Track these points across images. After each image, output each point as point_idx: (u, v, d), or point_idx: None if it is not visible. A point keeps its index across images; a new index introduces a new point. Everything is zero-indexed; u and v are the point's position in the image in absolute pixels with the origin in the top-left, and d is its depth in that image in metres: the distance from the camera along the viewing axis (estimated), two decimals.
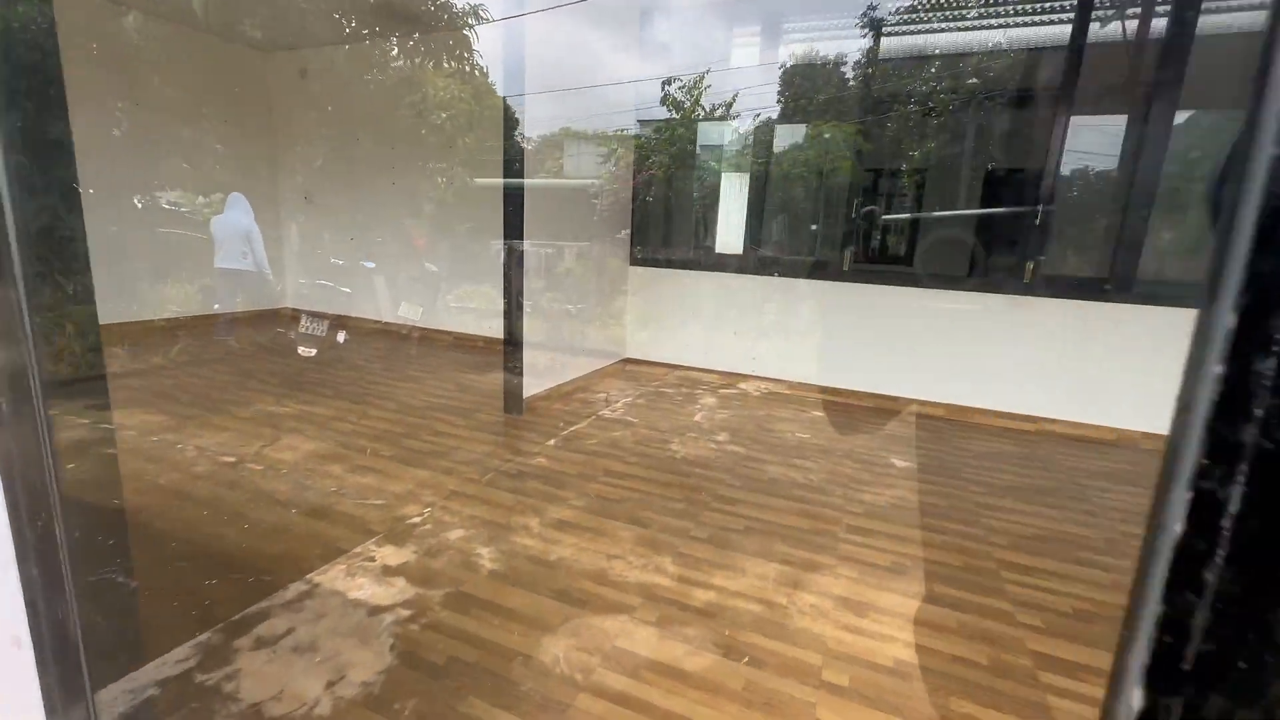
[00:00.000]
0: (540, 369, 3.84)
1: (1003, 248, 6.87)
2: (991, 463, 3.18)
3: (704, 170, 6.18)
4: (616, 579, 1.93)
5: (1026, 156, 6.40)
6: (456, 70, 6.29)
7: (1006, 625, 1.78)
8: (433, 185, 6.02)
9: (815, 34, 6.03)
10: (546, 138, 5.33)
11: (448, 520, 2.28)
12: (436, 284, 6.04)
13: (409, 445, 3.01)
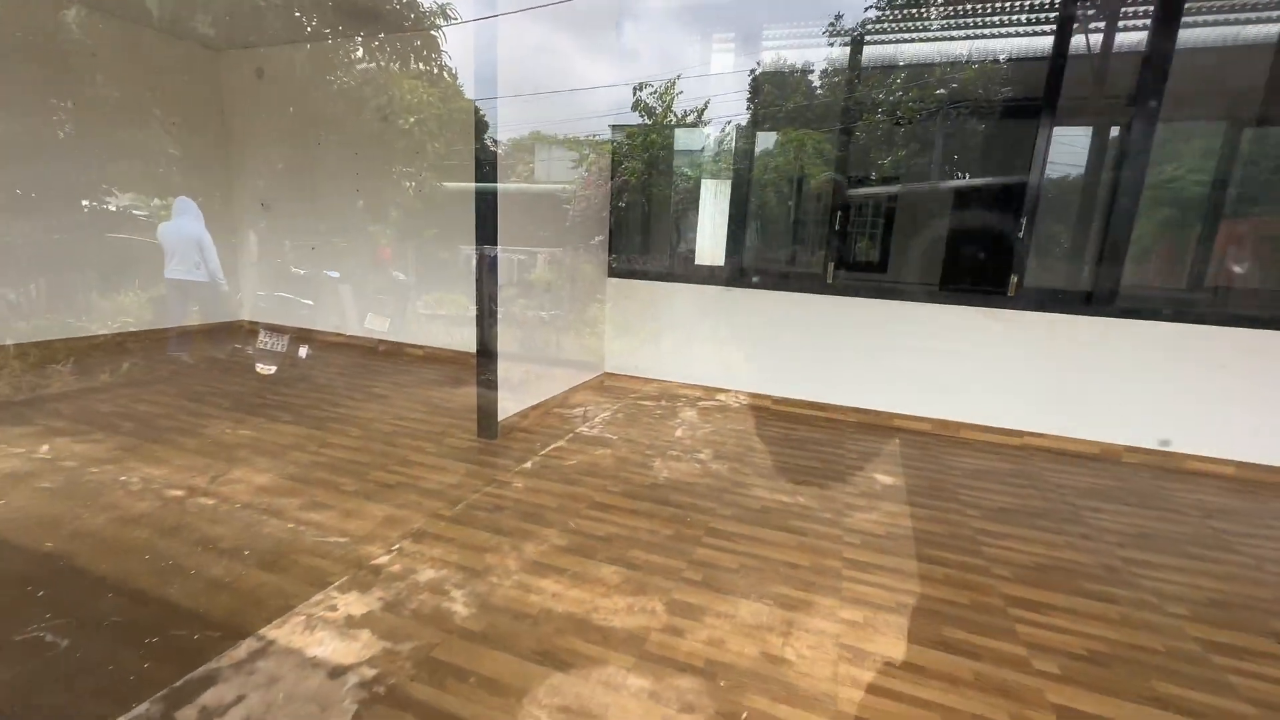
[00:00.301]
0: (515, 383, 3.65)
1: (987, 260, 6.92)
2: (983, 482, 3.11)
3: (681, 177, 6.07)
4: (603, 631, 1.76)
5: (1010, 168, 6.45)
6: (425, 72, 6.06)
7: (1023, 674, 1.67)
8: (400, 191, 5.77)
9: (789, 41, 5.98)
10: (517, 141, 5.15)
11: (417, 562, 2.08)
12: (405, 294, 5.79)
13: (374, 478, 2.79)
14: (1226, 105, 5.12)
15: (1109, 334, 3.53)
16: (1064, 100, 3.62)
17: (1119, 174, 3.49)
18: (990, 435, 3.81)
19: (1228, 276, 5.92)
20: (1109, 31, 4.94)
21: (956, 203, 7.01)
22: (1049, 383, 3.68)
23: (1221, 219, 5.71)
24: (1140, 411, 3.53)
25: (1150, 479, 3.30)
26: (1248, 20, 4.59)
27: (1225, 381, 3.35)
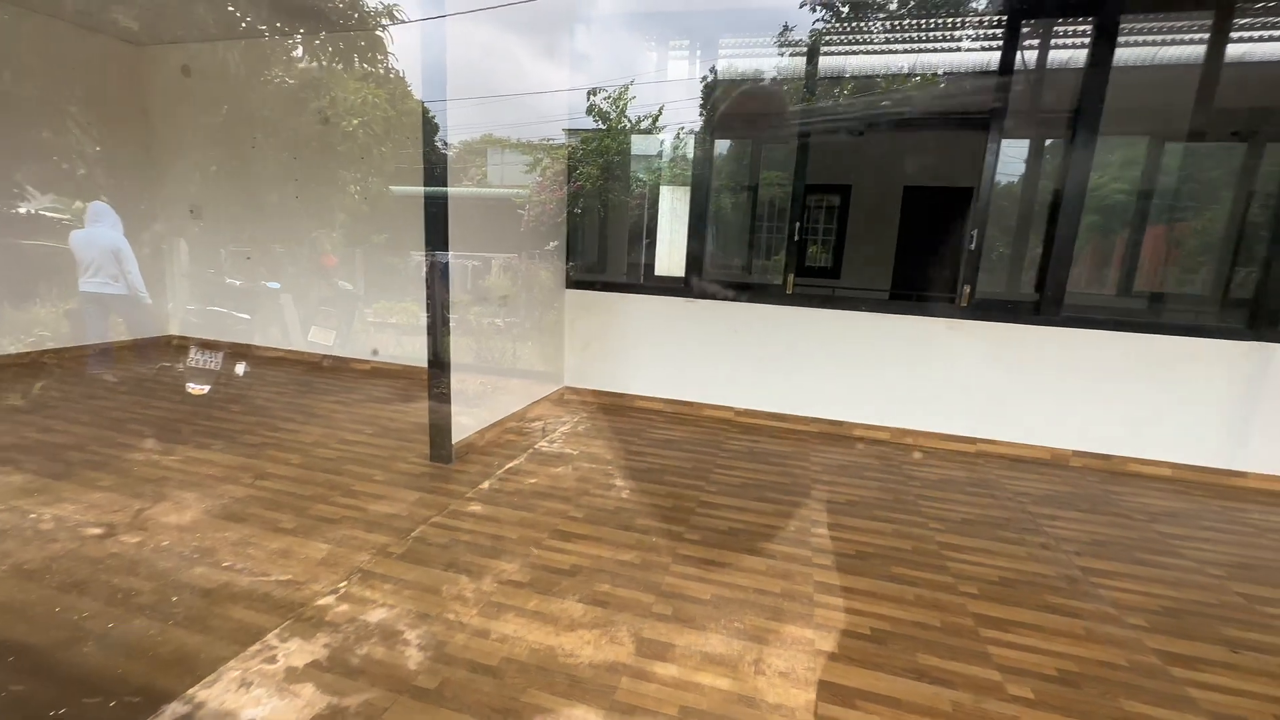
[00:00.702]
0: (471, 397, 3.48)
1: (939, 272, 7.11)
2: (944, 493, 3.14)
3: (637, 183, 6.00)
4: (570, 678, 1.65)
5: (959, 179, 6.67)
6: (370, 73, 5.80)
7: (999, 700, 1.64)
8: (345, 195, 5.49)
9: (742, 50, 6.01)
10: (469, 144, 4.98)
11: (364, 606, 1.92)
12: (352, 305, 5.50)
13: (316, 512, 2.59)
14: (1150, 122, 5.42)
15: (1055, 342, 3.64)
16: (1009, 114, 3.72)
17: (1062, 187, 3.60)
18: (947, 443, 3.88)
19: (1156, 283, 6.26)
20: (1043, 50, 5.15)
21: (907, 213, 7.21)
22: (1001, 390, 3.77)
23: (1147, 227, 6.06)
24: (1085, 416, 3.65)
25: (1098, 482, 3.42)
26: (1168, 42, 4.86)
27: (1159, 387, 3.50)
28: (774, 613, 2.00)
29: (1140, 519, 2.95)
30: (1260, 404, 3.37)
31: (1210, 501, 3.22)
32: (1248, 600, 2.25)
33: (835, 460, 3.56)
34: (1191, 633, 2.03)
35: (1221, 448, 3.46)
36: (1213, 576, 2.42)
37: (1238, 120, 5.09)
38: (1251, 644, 1.98)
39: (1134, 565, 2.48)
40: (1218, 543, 2.73)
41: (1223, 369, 3.40)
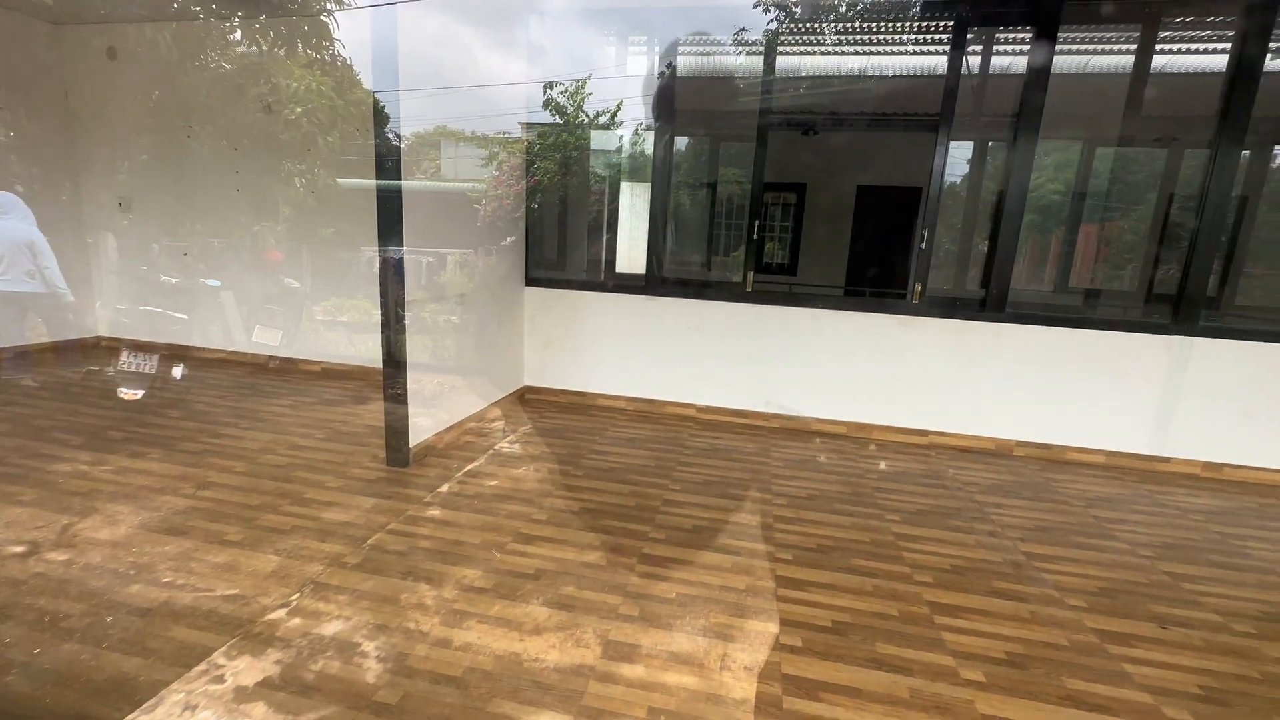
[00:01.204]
0: (427, 397, 3.38)
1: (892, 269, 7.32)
2: (899, 484, 3.24)
3: (597, 179, 5.96)
4: (537, 685, 1.62)
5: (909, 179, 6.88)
6: (315, 60, 5.55)
7: (954, 685, 1.71)
8: (289, 188, 5.25)
9: (700, 48, 6.04)
10: (422, 136, 4.83)
11: (319, 619, 1.84)
12: (300, 303, 5.27)
13: (264, 522, 2.47)
14: (1084, 127, 5.72)
15: (1000, 337, 3.81)
16: (955, 117, 3.86)
17: (1004, 188, 3.76)
18: (902, 436, 4.01)
19: (1089, 279, 6.63)
20: (987, 56, 5.36)
21: (860, 211, 7.40)
22: (950, 384, 3.92)
23: (1080, 225, 6.41)
24: (1027, 408, 3.84)
25: (1039, 471, 3.60)
26: (1101, 52, 5.14)
27: (1093, 379, 3.71)
28: (738, 609, 2.02)
29: (1078, 505, 3.12)
30: (1181, 394, 3.61)
31: (1140, 486, 3.44)
32: (1173, 579, 2.41)
33: (795, 455, 3.63)
34: (1125, 611, 2.16)
35: (1148, 436, 3.70)
36: (1143, 557, 2.59)
37: (1161, 127, 5.43)
38: (1178, 620, 2.13)
39: (1073, 549, 2.62)
40: (1147, 525, 2.91)
41: (1148, 362, 3.63)
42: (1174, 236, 5.38)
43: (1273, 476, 3.56)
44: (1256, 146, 5.20)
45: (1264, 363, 3.49)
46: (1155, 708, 1.68)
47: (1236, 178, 3.58)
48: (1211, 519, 3.03)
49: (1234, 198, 4.69)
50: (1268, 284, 5.74)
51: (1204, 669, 1.86)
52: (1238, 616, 2.17)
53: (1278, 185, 5.69)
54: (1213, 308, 5.19)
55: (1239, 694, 1.76)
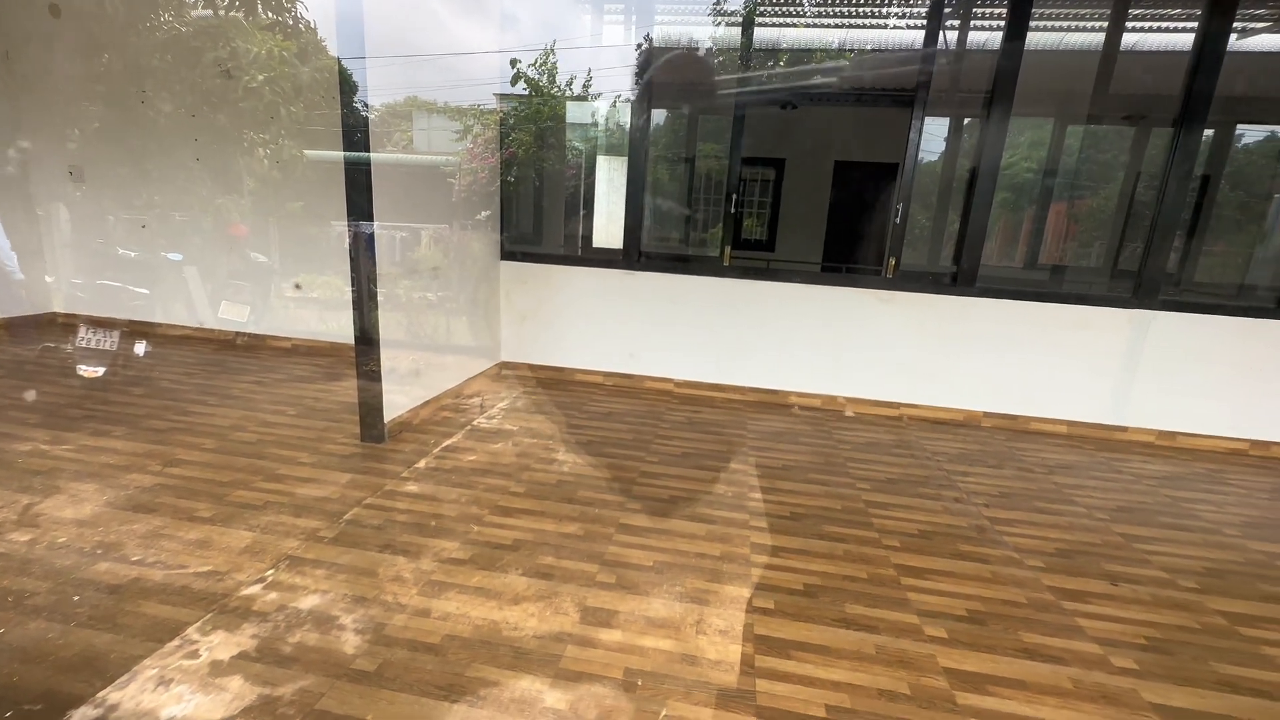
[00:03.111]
0: (402, 373, 3.35)
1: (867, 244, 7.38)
2: (871, 455, 3.33)
3: (573, 152, 5.87)
4: (515, 651, 1.65)
5: (886, 155, 6.90)
6: (277, 23, 5.32)
7: (917, 642, 1.79)
8: (253, 159, 5.06)
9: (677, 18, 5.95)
10: (392, 107, 4.69)
11: (295, 593, 1.84)
12: (267, 278, 5.13)
13: (236, 498, 2.44)
14: (1056, 104, 5.79)
15: (970, 312, 3.89)
16: (931, 92, 3.87)
17: (977, 165, 3.81)
18: (874, 408, 4.10)
19: (1058, 256, 6.78)
20: (963, 31, 5.36)
21: (837, 188, 7.42)
22: (921, 357, 4.00)
23: (1051, 203, 6.53)
24: (994, 380, 3.95)
25: (1005, 440, 3.72)
26: (1074, 29, 5.18)
27: (1057, 351, 3.83)
28: (713, 575, 2.07)
29: (1040, 472, 3.24)
30: (1139, 366, 3.75)
31: (1098, 454, 3.58)
32: (1126, 539, 2.54)
33: (771, 427, 3.69)
34: (1080, 570, 2.27)
35: (1107, 406, 3.84)
36: (1098, 520, 2.71)
37: (1129, 105, 5.52)
38: (1129, 577, 2.24)
39: (1034, 513, 2.73)
40: (1103, 490, 3.05)
41: (1110, 335, 3.75)
42: (1139, 214, 5.52)
43: (1222, 444, 3.74)
44: (1220, 126, 5.33)
45: (1217, 336, 3.64)
46: (1104, 657, 1.78)
47: (1199, 157, 3.68)
48: (1164, 484, 3.18)
49: (1196, 177, 4.82)
50: (1226, 261, 5.95)
51: (1149, 621, 1.97)
52: (1183, 573, 2.29)
53: (1240, 165, 5.86)
54: (1173, 283, 5.36)
55: (1180, 643, 1.87)
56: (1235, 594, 2.17)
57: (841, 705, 1.52)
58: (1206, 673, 1.74)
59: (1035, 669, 1.71)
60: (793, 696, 1.54)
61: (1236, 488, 3.19)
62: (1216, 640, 1.90)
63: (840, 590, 2.02)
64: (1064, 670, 1.71)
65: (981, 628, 1.88)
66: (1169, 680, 1.70)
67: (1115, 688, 1.66)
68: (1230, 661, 1.80)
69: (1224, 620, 2.01)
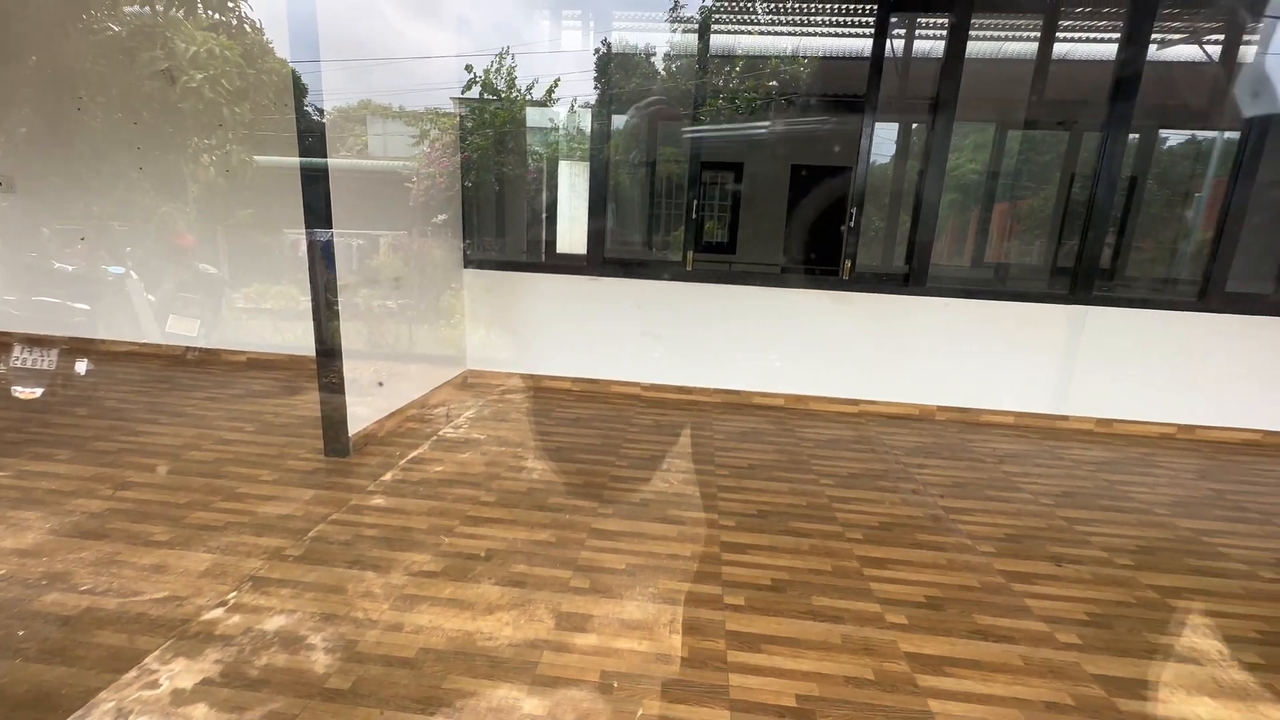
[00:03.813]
0: (365, 385, 3.29)
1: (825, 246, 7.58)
2: (832, 451, 3.44)
3: (534, 156, 5.86)
4: (491, 660, 1.66)
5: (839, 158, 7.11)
6: (220, 23, 5.15)
7: (880, 629, 1.87)
8: (198, 166, 4.89)
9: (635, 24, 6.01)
10: (345, 111, 4.60)
11: (260, 614, 1.80)
12: (219, 290, 4.95)
13: (194, 520, 2.36)
14: (996, 110, 6.08)
15: (922, 310, 4.06)
16: (881, 99, 4.03)
17: (925, 168, 3.98)
18: (835, 406, 4.23)
19: (1002, 254, 7.10)
20: (910, 40, 5.58)
21: (794, 191, 7.60)
22: (878, 355, 4.15)
23: (995, 204, 6.85)
24: (947, 375, 4.13)
25: (957, 433, 3.89)
26: (1010, 39, 5.46)
27: (1004, 346, 4.03)
28: (685, 575, 2.12)
29: (990, 461, 3.41)
30: (1078, 358, 3.98)
31: (1043, 442, 3.79)
32: (1068, 522, 2.70)
33: (737, 428, 3.77)
34: (1028, 554, 2.40)
35: (1050, 397, 4.06)
36: (1044, 505, 2.87)
37: (1062, 111, 5.84)
38: (1072, 558, 2.39)
39: (985, 501, 2.88)
40: (1047, 477, 3.23)
41: (1050, 329, 3.98)
42: (1075, 214, 5.85)
43: (1153, 429, 4.00)
44: (1144, 130, 5.70)
45: (1146, 328, 3.90)
46: (1050, 634, 1.90)
47: (1126, 159, 3.93)
48: (1102, 469, 3.39)
49: (1124, 178, 5.14)
50: (1154, 256, 6.36)
51: (1090, 598, 2.11)
52: (1120, 552, 2.46)
53: (1165, 166, 6.27)
54: (1108, 278, 5.70)
55: (1118, 617, 2.01)
56: (1165, 569, 2.34)
57: (811, 694, 1.59)
58: (1141, 643, 1.88)
59: (988, 649, 1.81)
60: (764, 688, 1.60)
61: (1166, 469, 3.43)
62: (1149, 613, 2.05)
63: (807, 584, 2.10)
64: (1014, 649, 1.82)
65: (939, 613, 1.98)
66: (1108, 652, 1.83)
67: (1060, 662, 1.78)
68: (1161, 632, 1.95)
69: (1155, 594, 2.17)
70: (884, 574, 2.19)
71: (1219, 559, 2.45)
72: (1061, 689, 1.66)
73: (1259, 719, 1.59)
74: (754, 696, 1.57)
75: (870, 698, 1.59)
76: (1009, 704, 1.60)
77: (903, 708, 1.56)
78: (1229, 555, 2.48)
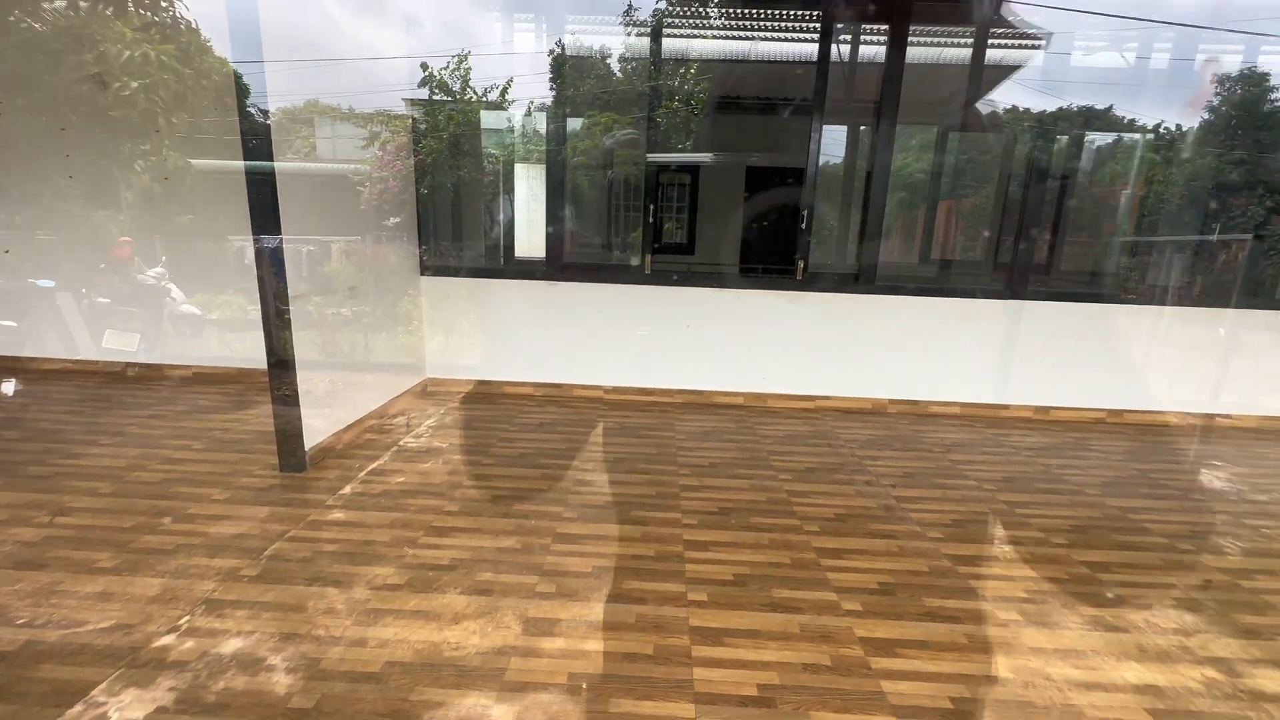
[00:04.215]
0: (321, 396, 3.23)
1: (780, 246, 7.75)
2: (790, 447, 3.55)
3: (489, 159, 5.82)
4: (459, 669, 1.67)
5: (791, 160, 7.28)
6: (153, 23, 4.93)
7: (836, 617, 1.96)
8: (132, 173, 4.67)
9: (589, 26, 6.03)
10: (291, 112, 4.48)
11: (215, 638, 1.75)
12: (159, 301, 4.74)
13: (142, 544, 2.28)
14: (936, 113, 6.35)
15: (872, 307, 4.22)
16: (828, 102, 4.17)
17: (871, 170, 4.14)
18: (793, 402, 4.35)
19: (947, 252, 7.42)
20: (855, 46, 5.77)
21: (749, 192, 7.76)
22: (832, 351, 4.30)
23: (939, 202, 7.15)
24: (897, 370, 4.30)
25: (908, 425, 4.07)
26: (947, 45, 5.71)
27: (950, 340, 4.23)
28: (650, 574, 2.16)
29: (938, 451, 3.58)
30: (1016, 350, 4.21)
31: (986, 431, 3.99)
32: (1009, 506, 2.86)
33: (698, 427, 3.84)
34: (973, 538, 2.55)
35: (993, 387, 4.29)
36: (987, 491, 3.04)
37: (995, 116, 6.14)
38: (1013, 539, 2.54)
39: (933, 489, 3.02)
40: (990, 463, 3.41)
41: (990, 323, 4.19)
42: (1012, 212, 6.16)
43: (1086, 415, 4.27)
44: (1072, 133, 6.04)
45: (1076, 320, 4.15)
46: (993, 612, 2.02)
47: (1056, 160, 4.18)
48: (1039, 454, 3.60)
49: (1055, 178, 5.45)
50: (1087, 251, 6.75)
51: (1029, 576, 2.26)
52: (1055, 531, 2.62)
53: (1093, 166, 6.66)
54: (1043, 273, 6.03)
55: (1052, 593, 2.15)
56: (1096, 546, 2.52)
57: (771, 682, 1.66)
58: (1075, 616, 2.02)
59: (935, 629, 1.92)
60: (727, 680, 1.66)
61: (1097, 452, 3.67)
62: (1081, 587, 2.20)
63: (767, 577, 2.17)
64: (959, 628, 1.93)
65: (891, 598, 2.08)
66: (1044, 626, 1.96)
67: (1001, 638, 1.90)
68: (1092, 604, 2.10)
69: (1087, 569, 2.33)
70: (840, 564, 2.28)
71: (1143, 534, 2.64)
72: (1003, 663, 1.78)
73: (1179, 678, 1.74)
74: (717, 689, 1.63)
75: (827, 682, 1.67)
76: (955, 680, 1.70)
77: (857, 690, 1.64)
78: (1151, 530, 2.68)
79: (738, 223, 7.81)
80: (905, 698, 1.63)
